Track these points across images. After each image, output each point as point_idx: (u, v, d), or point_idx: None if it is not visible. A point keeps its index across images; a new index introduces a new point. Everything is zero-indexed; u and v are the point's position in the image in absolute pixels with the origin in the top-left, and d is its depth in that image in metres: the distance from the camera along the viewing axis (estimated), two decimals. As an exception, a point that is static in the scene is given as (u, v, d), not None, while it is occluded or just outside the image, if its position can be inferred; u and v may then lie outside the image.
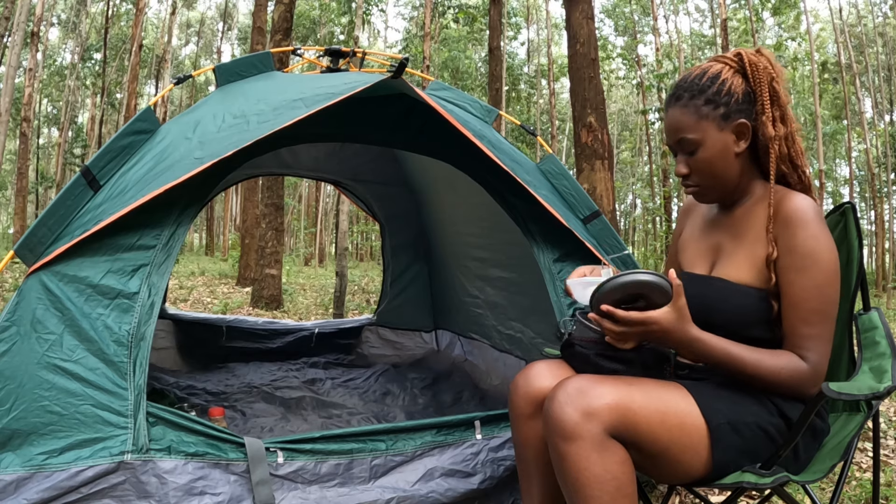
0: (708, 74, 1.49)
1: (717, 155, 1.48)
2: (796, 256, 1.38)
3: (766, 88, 1.46)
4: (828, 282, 1.37)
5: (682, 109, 1.49)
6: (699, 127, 1.47)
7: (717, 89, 1.46)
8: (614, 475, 1.25)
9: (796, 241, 1.38)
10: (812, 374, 1.35)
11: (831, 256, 1.38)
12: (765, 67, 1.47)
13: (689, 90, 1.49)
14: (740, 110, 1.46)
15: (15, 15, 11.93)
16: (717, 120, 1.46)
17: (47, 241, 1.78)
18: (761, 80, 1.46)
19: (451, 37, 22.86)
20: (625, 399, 1.28)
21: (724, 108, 1.46)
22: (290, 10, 8.11)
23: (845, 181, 30.47)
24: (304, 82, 2.19)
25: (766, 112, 1.45)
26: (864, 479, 2.55)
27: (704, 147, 1.48)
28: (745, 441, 1.35)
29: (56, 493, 1.57)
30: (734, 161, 1.49)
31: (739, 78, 1.48)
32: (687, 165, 1.52)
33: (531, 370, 1.55)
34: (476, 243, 3.69)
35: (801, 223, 1.38)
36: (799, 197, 1.43)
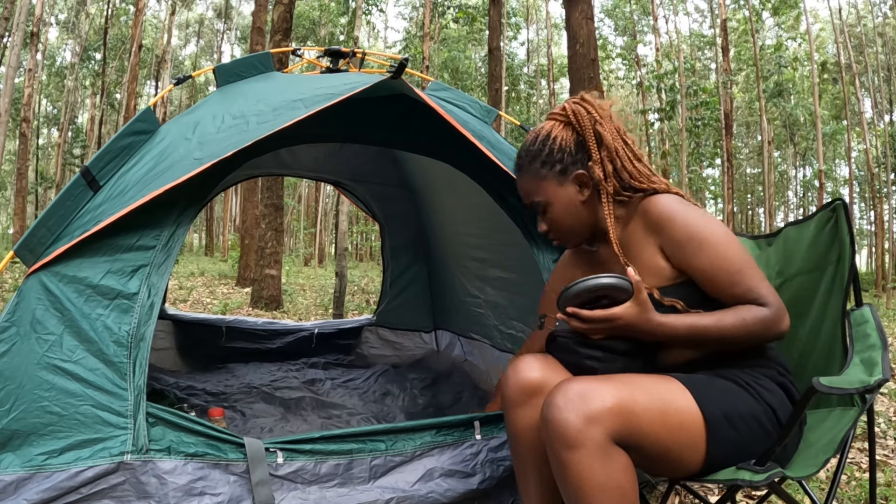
0: (540, 137, 1.60)
1: (565, 208, 1.59)
2: (684, 246, 1.44)
3: (590, 134, 1.55)
4: (722, 244, 1.43)
5: (525, 176, 1.63)
6: (542, 189, 1.60)
7: (548, 150, 1.57)
8: (618, 483, 1.23)
9: (675, 234, 1.45)
10: (774, 312, 1.39)
11: (710, 225, 1.45)
12: (588, 113, 1.57)
13: (526, 157, 1.61)
14: (576, 161, 1.57)
15: (15, 15, 11.93)
16: (556, 177, 1.58)
17: (47, 241, 1.78)
18: (585, 127, 1.56)
19: (450, 37, 22.88)
20: (626, 401, 1.26)
21: (559, 164, 1.57)
22: (289, 10, 8.11)
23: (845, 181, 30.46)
24: (303, 83, 2.19)
25: (594, 157, 1.55)
26: (863, 479, 2.56)
27: (553, 205, 1.60)
28: (740, 434, 1.35)
29: (56, 494, 1.57)
30: (583, 209, 1.59)
31: (569, 130, 1.59)
32: (545, 223, 1.64)
33: (520, 363, 1.56)
34: (475, 244, 3.69)
35: (666, 219, 1.46)
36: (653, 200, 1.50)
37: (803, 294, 1.74)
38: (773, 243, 1.90)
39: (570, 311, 1.42)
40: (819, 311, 1.68)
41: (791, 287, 1.78)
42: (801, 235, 1.78)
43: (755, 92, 21.68)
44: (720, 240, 1.43)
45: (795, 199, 36.20)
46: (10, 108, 11.63)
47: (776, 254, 1.87)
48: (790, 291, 1.77)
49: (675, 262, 1.46)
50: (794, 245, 1.81)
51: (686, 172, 20.21)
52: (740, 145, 31.62)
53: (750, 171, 35.98)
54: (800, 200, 35.06)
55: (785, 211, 37.25)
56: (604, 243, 1.65)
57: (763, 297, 1.40)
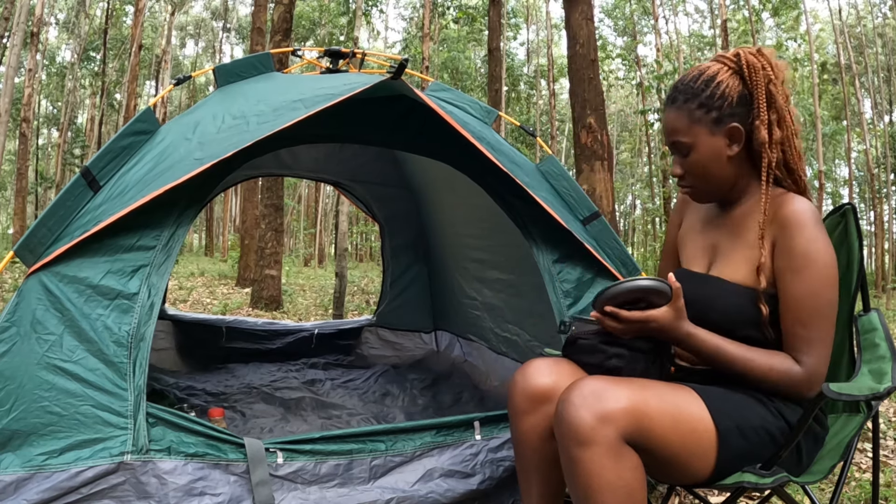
0: (703, 77, 1.49)
1: (710, 158, 1.49)
2: (793, 258, 1.39)
3: (762, 91, 1.45)
4: (824, 284, 1.37)
5: (677, 112, 1.51)
6: (691, 131, 1.48)
7: (710, 93, 1.46)
8: (627, 482, 1.23)
9: (793, 243, 1.39)
10: (806, 377, 1.35)
11: (829, 260, 1.38)
12: (763, 69, 1.46)
13: (683, 93, 1.50)
14: (734, 114, 1.47)
15: (15, 15, 11.93)
16: (709, 124, 1.47)
17: (47, 241, 1.78)
18: (758, 83, 1.45)
19: (450, 37, 22.87)
20: (640, 403, 1.26)
21: (716, 111, 1.46)
22: (289, 10, 8.11)
23: (845, 182, 30.46)
24: (303, 83, 2.19)
25: (762, 116, 1.45)
26: (863, 479, 2.56)
27: (697, 150, 1.49)
28: (751, 445, 1.35)
29: (56, 494, 1.57)
30: (727, 164, 1.50)
31: (736, 79, 1.48)
32: (681, 167, 1.54)
33: (530, 367, 1.55)
34: (475, 245, 3.69)
35: (798, 226, 1.39)
36: (797, 200, 1.43)
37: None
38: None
39: (608, 311, 1.41)
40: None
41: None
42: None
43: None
44: (826, 277, 1.38)
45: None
46: (10, 108, 11.62)
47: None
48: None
49: (776, 265, 1.42)
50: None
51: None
52: (740, 146, 31.55)
53: (750, 171, 35.92)
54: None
55: (785, 211, 37.11)
56: (730, 208, 1.58)
57: (810, 356, 1.36)
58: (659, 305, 1.40)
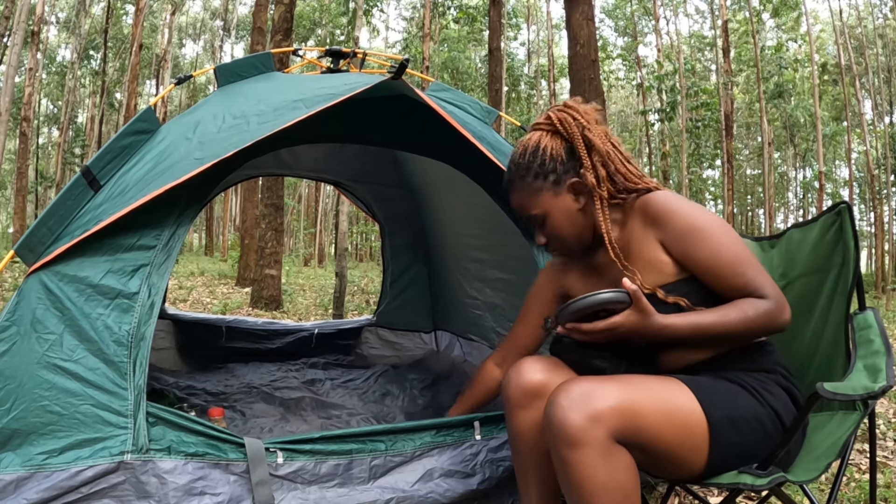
0: (529, 150, 1.57)
1: (564, 218, 1.57)
2: (684, 239, 1.45)
3: (580, 141, 1.54)
4: (721, 235, 1.44)
5: (518, 191, 1.59)
6: (537, 201, 1.57)
7: (540, 161, 1.55)
8: (620, 482, 1.24)
9: (673, 228, 1.46)
10: (775, 304, 1.40)
11: (708, 217, 1.46)
12: (574, 121, 1.55)
13: (518, 171, 1.58)
14: (568, 169, 1.55)
15: (15, 14, 11.93)
16: (551, 188, 1.55)
17: (47, 241, 1.78)
18: (574, 134, 1.54)
19: (450, 37, 22.87)
20: (629, 401, 1.27)
21: (553, 175, 1.55)
22: (290, 10, 8.11)
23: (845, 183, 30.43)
24: (304, 83, 2.19)
25: (586, 164, 1.53)
26: (862, 480, 2.56)
27: (550, 216, 1.57)
28: (743, 437, 1.35)
29: (56, 493, 1.57)
30: (581, 216, 1.58)
31: (558, 139, 1.57)
32: (544, 235, 1.62)
33: (522, 364, 1.57)
34: (475, 244, 3.69)
35: (665, 213, 1.47)
36: (650, 197, 1.51)
37: (806, 297, 1.74)
38: (777, 245, 1.89)
39: (569, 327, 1.43)
40: (822, 314, 1.68)
41: (794, 289, 1.78)
42: (805, 238, 1.78)
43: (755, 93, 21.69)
44: (719, 231, 1.44)
45: (795, 200, 36.20)
46: (10, 107, 11.62)
47: (779, 256, 1.87)
48: (793, 294, 1.77)
49: (676, 255, 1.47)
50: (797, 247, 1.80)
51: (686, 173, 20.22)
52: (740, 146, 31.63)
53: (750, 172, 35.98)
54: (800, 202, 35.05)
55: (785, 212, 37.26)
56: (601, 248, 1.63)
57: (763, 287, 1.41)
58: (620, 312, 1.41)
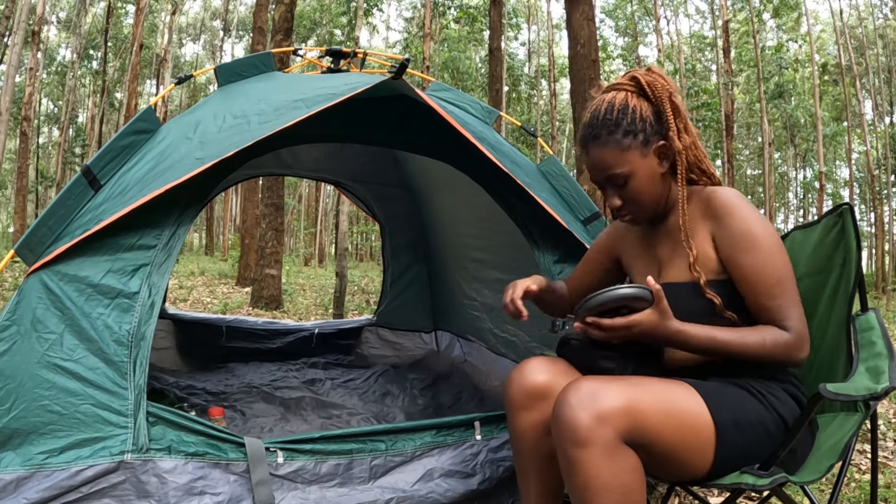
0: (616, 107, 1.52)
1: (647, 180, 1.54)
2: (736, 241, 1.44)
3: (667, 105, 1.52)
4: (774, 252, 1.42)
5: (604, 147, 1.53)
6: (625, 159, 1.52)
7: (630, 119, 1.51)
8: (624, 483, 1.24)
9: (731, 228, 1.45)
10: (795, 339, 1.38)
11: (768, 230, 1.44)
12: (662, 85, 1.54)
13: (605, 127, 1.53)
14: (656, 132, 1.53)
15: (16, 14, 11.94)
16: (639, 148, 1.52)
17: (48, 240, 1.78)
18: (662, 98, 1.52)
19: (451, 37, 22.87)
20: (636, 401, 1.27)
21: (642, 134, 1.51)
22: (290, 10, 8.11)
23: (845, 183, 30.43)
24: (305, 83, 2.19)
25: (672, 127, 1.52)
26: (862, 480, 2.56)
27: (635, 176, 1.53)
28: (747, 440, 1.35)
29: (56, 493, 1.57)
30: (661, 182, 1.56)
31: (643, 101, 1.54)
32: (620, 198, 1.57)
33: (526, 365, 1.58)
34: (475, 244, 3.69)
35: (729, 211, 1.46)
36: (719, 189, 1.51)
37: (809, 297, 1.74)
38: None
39: (590, 321, 1.41)
40: (824, 315, 1.68)
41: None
42: (808, 239, 1.78)
43: (756, 93, 21.69)
44: (772, 247, 1.43)
45: (796, 200, 36.21)
46: (11, 106, 11.62)
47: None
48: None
49: (723, 254, 1.46)
50: (800, 248, 1.80)
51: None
52: (741, 146, 31.61)
53: (750, 172, 35.96)
54: (800, 202, 35.07)
55: (785, 212, 37.26)
56: (662, 223, 1.63)
57: (790, 318, 1.39)
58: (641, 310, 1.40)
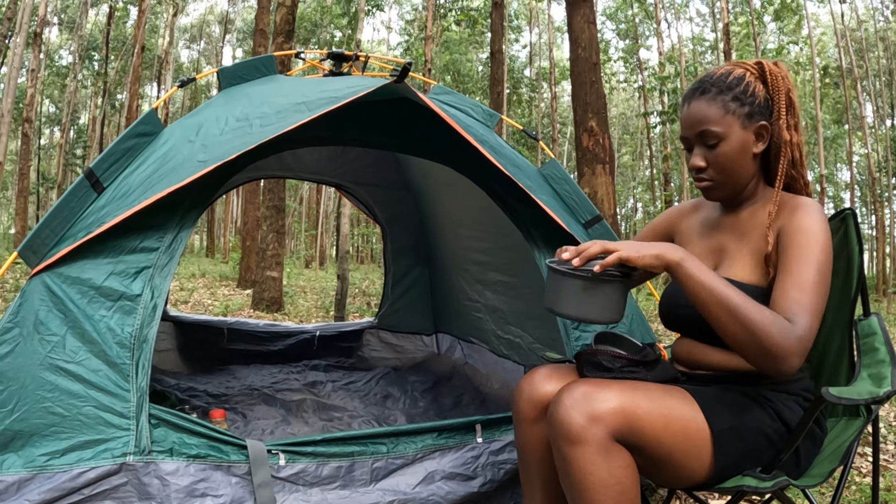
0: (734, 75, 1.52)
1: (738, 151, 1.51)
2: (793, 234, 1.40)
3: (783, 97, 1.51)
4: (823, 260, 1.35)
5: (709, 102, 1.51)
6: (725, 121, 1.50)
7: (743, 89, 1.50)
8: (619, 479, 1.25)
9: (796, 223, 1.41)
10: (797, 339, 1.25)
11: (827, 241, 1.39)
12: (783, 78, 1.53)
13: (716, 85, 1.52)
14: (761, 113, 1.51)
15: (18, 15, 11.96)
16: (742, 118, 1.50)
17: (50, 242, 1.79)
18: (779, 89, 1.52)
19: (452, 39, 22.88)
20: (630, 404, 1.28)
21: (748, 107, 1.50)
22: (292, 12, 8.13)
23: (846, 186, 30.44)
24: (307, 86, 2.20)
25: (783, 118, 1.50)
26: (863, 483, 2.56)
27: (727, 141, 1.50)
28: (748, 446, 1.35)
29: (58, 495, 1.57)
30: (751, 160, 1.53)
31: (761, 84, 1.53)
32: (704, 158, 1.53)
33: (535, 375, 1.56)
34: (477, 247, 3.69)
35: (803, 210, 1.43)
36: (803, 198, 1.48)
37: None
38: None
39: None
40: (827, 320, 1.68)
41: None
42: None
43: (757, 96, 21.63)
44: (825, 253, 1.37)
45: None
46: (12, 108, 11.64)
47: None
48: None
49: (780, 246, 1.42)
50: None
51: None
52: (742, 149, 31.54)
53: (751, 174, 35.89)
54: (801, 204, 34.99)
55: (786, 215, 37.08)
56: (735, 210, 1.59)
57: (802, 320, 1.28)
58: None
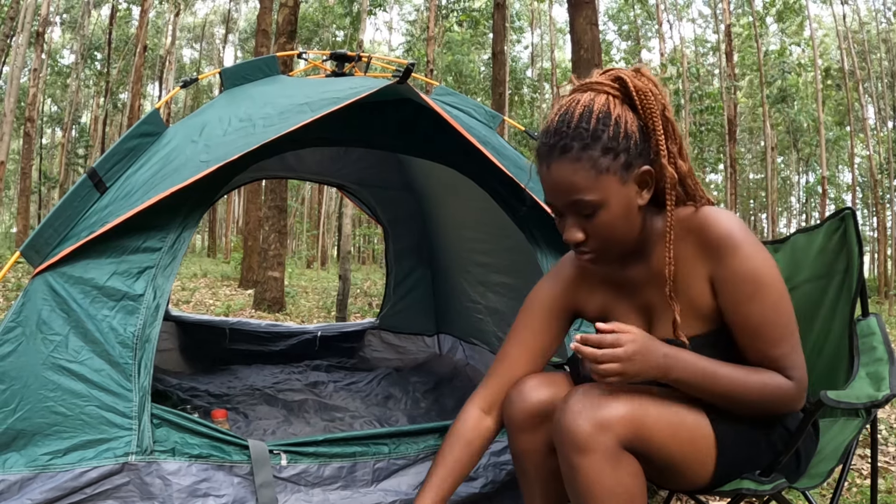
0: (596, 114, 1.22)
1: (621, 214, 1.25)
2: (741, 286, 1.25)
3: (659, 121, 1.24)
4: (780, 298, 1.26)
5: (574, 164, 1.22)
6: (598, 185, 1.21)
7: (612, 133, 1.20)
8: (627, 488, 1.23)
9: (735, 270, 1.25)
10: (797, 389, 1.27)
11: (773, 270, 1.26)
12: (654, 95, 1.25)
13: (578, 138, 1.21)
14: (640, 154, 1.23)
15: (20, 15, 11.98)
16: (619, 172, 1.22)
17: (53, 242, 1.79)
18: (653, 112, 1.24)
19: (453, 40, 22.89)
20: (638, 411, 1.25)
21: (624, 155, 1.21)
22: (294, 12, 8.14)
23: (848, 187, 30.41)
24: (309, 86, 2.20)
25: (663, 151, 1.24)
26: (864, 485, 2.56)
27: (607, 208, 1.23)
28: (749, 451, 1.34)
29: (60, 494, 1.58)
30: (637, 215, 1.28)
31: (628, 111, 1.25)
32: (582, 230, 1.28)
33: (525, 384, 1.47)
34: (479, 248, 3.69)
35: (732, 250, 1.24)
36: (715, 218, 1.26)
37: (810, 302, 1.74)
38: (781, 250, 1.89)
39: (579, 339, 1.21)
40: (826, 320, 1.68)
41: (798, 294, 1.77)
42: (810, 243, 1.78)
43: (759, 97, 21.69)
44: (779, 291, 1.25)
45: (798, 204, 36.17)
46: (15, 107, 11.66)
47: (784, 260, 1.87)
48: (797, 299, 1.75)
49: (723, 300, 1.28)
50: (802, 252, 1.80)
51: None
52: (743, 151, 31.58)
53: (753, 176, 35.92)
54: (803, 206, 35.02)
55: (788, 217, 37.22)
56: (636, 262, 1.38)
57: (794, 368, 1.26)
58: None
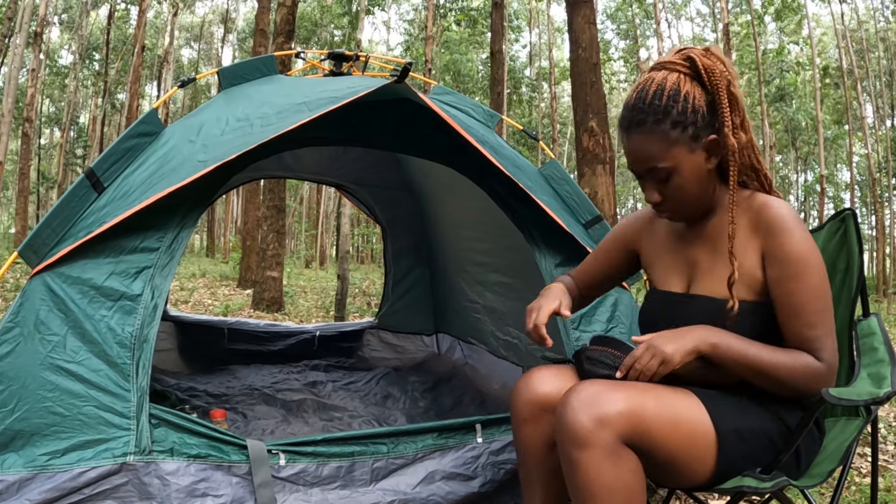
0: (667, 92, 1.37)
1: (692, 178, 1.41)
2: (789, 265, 1.35)
3: (724, 96, 1.37)
4: (822, 281, 1.35)
5: (648, 136, 1.39)
6: (670, 154, 1.38)
7: (681, 108, 1.36)
8: (626, 484, 1.23)
9: (785, 249, 1.35)
10: (828, 371, 1.33)
11: (818, 259, 1.36)
12: (721, 71, 1.38)
13: (651, 113, 1.38)
14: (707, 125, 1.38)
15: (18, 15, 11.96)
16: (688, 142, 1.38)
17: (51, 242, 1.79)
18: (719, 87, 1.37)
19: (452, 39, 22.88)
20: (638, 406, 1.26)
21: (692, 127, 1.37)
22: (292, 12, 8.13)
23: (846, 186, 30.44)
24: (307, 86, 2.20)
25: (727, 122, 1.37)
26: (863, 483, 2.56)
27: (679, 173, 1.40)
28: (750, 449, 1.34)
29: (58, 494, 1.57)
30: (707, 179, 1.44)
31: (697, 87, 1.39)
32: (660, 193, 1.45)
33: (533, 375, 1.53)
34: (477, 248, 3.69)
35: (785, 231, 1.35)
36: (773, 202, 1.39)
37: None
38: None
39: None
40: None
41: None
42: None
43: (757, 96, 21.69)
44: (820, 274, 1.35)
45: (797, 203, 36.18)
46: (13, 107, 11.64)
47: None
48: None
49: (770, 275, 1.37)
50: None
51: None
52: (742, 149, 31.55)
53: (751, 175, 35.89)
54: (801, 205, 35.06)
55: (786, 215, 37.07)
56: (700, 224, 1.52)
57: (825, 350, 1.33)
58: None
